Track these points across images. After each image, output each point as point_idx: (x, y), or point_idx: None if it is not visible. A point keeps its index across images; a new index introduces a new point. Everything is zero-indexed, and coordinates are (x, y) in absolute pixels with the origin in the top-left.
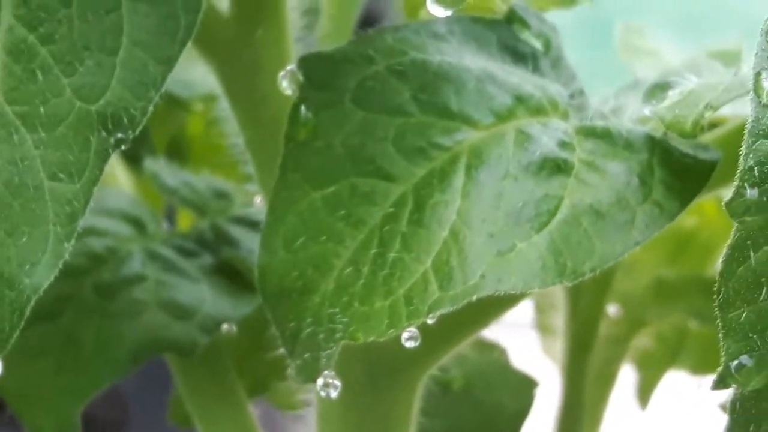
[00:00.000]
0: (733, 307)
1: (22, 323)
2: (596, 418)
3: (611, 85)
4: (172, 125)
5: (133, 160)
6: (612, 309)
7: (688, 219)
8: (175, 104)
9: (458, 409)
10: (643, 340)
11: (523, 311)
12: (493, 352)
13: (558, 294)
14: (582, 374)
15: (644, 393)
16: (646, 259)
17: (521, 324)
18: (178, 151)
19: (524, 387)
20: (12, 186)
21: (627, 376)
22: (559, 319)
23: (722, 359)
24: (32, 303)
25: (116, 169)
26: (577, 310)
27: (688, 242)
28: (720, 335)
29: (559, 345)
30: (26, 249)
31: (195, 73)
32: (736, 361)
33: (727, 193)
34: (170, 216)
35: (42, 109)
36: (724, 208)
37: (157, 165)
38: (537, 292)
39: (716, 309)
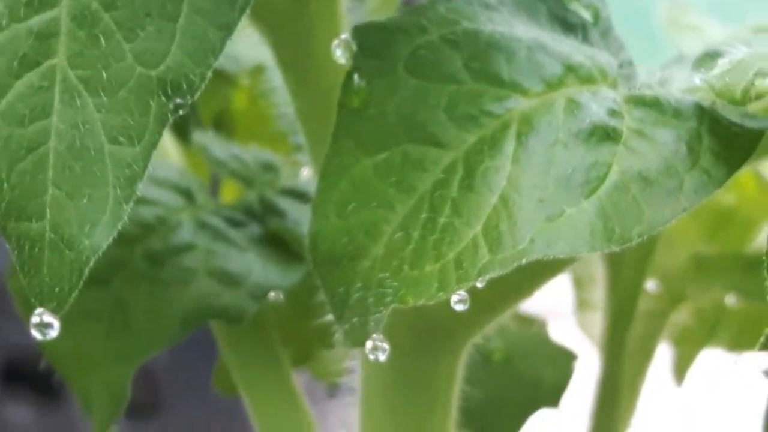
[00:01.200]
0: None
1: (80, 284)
2: (635, 392)
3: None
4: (218, 100)
5: (181, 133)
6: (651, 284)
7: (727, 196)
8: (221, 79)
9: (499, 380)
10: (681, 316)
11: (563, 300)
12: (533, 325)
13: (598, 268)
14: (621, 348)
15: (680, 369)
16: (686, 235)
17: (561, 313)
18: (223, 126)
19: (563, 360)
20: (74, 149)
21: (663, 353)
22: (598, 294)
23: None
24: (91, 264)
25: (166, 141)
26: (618, 284)
27: (727, 219)
28: None
29: (598, 319)
30: (86, 211)
31: (241, 47)
32: None
33: None
34: (214, 189)
35: (104, 74)
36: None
37: (205, 138)
38: (576, 266)
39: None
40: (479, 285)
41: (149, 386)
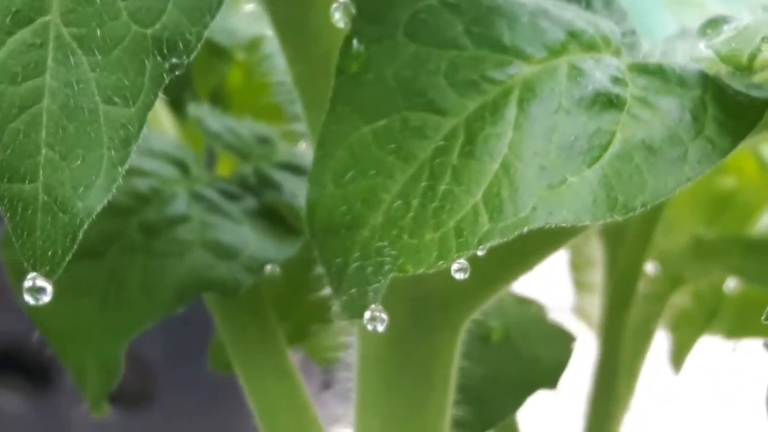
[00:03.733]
0: None
1: (74, 247)
2: (633, 375)
3: None
4: (214, 75)
5: (176, 106)
6: (650, 267)
7: (727, 179)
8: (217, 53)
9: (497, 359)
10: (680, 299)
11: (563, 295)
12: (532, 306)
13: (596, 250)
14: (619, 331)
15: (678, 356)
16: (686, 218)
17: (560, 308)
18: (219, 101)
19: (562, 340)
20: (67, 108)
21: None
22: (596, 276)
23: None
24: (85, 227)
25: (161, 114)
26: (616, 266)
27: (727, 202)
28: None
29: (596, 302)
30: (80, 172)
31: (237, 21)
32: None
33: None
34: (209, 162)
35: (98, 32)
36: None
37: (201, 110)
38: (573, 247)
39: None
40: (480, 253)
41: (141, 376)
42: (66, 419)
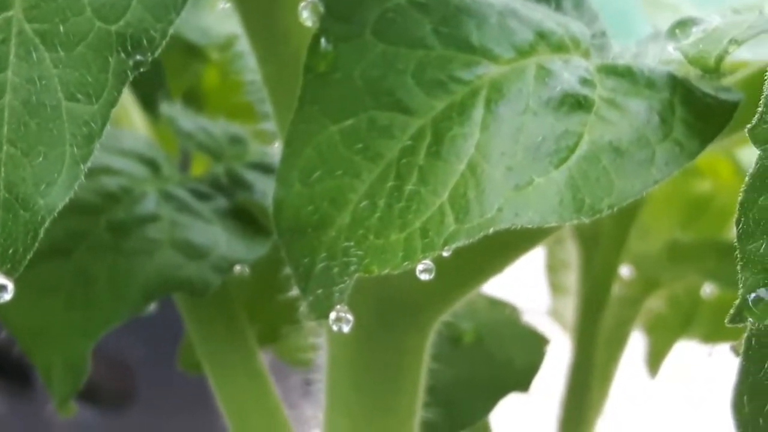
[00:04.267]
0: (753, 238)
1: (36, 245)
2: (607, 378)
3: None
4: (188, 75)
5: (149, 105)
6: (625, 270)
7: (703, 183)
8: (191, 53)
9: (469, 361)
10: (655, 303)
11: (538, 298)
12: (505, 309)
13: (571, 252)
14: (594, 334)
15: (654, 360)
16: (662, 221)
17: (534, 310)
18: (193, 101)
19: (535, 343)
20: (30, 105)
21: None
22: (571, 279)
23: (740, 292)
24: (46, 225)
25: (132, 113)
26: (591, 269)
27: (703, 206)
28: (738, 267)
29: (571, 304)
30: (42, 169)
31: (211, 20)
32: (753, 294)
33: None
34: (185, 164)
35: (61, 28)
36: (747, 133)
37: (173, 110)
38: (549, 250)
39: (736, 241)
40: (445, 254)
41: (122, 376)
42: (46, 420)
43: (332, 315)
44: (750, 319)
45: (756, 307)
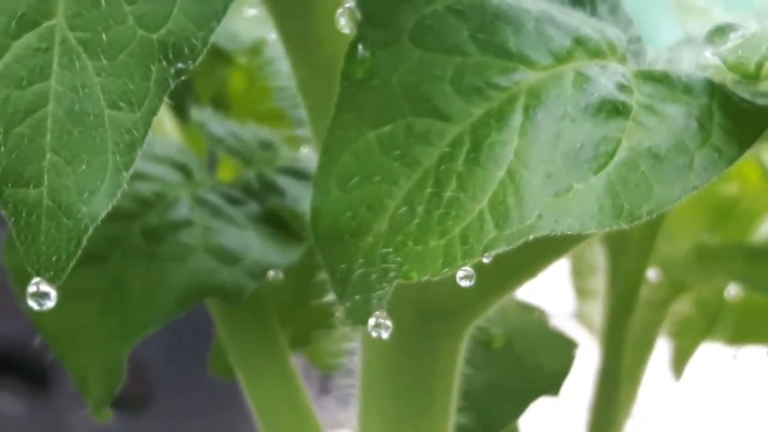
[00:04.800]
0: None
1: (79, 252)
2: (635, 381)
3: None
4: (216, 79)
5: (178, 110)
6: (652, 274)
7: (730, 186)
8: (219, 57)
9: (499, 366)
10: (682, 306)
11: (564, 300)
12: (534, 313)
13: (598, 256)
14: (622, 337)
15: (679, 362)
16: (688, 224)
17: (561, 314)
18: (221, 106)
19: (564, 347)
20: (73, 113)
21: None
22: (598, 283)
23: None
24: (89, 233)
25: (164, 118)
26: (619, 273)
27: (730, 209)
28: None
29: (598, 308)
30: (85, 177)
31: (239, 24)
32: None
33: None
34: (211, 167)
35: (104, 36)
36: None
37: (203, 115)
38: (575, 254)
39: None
40: (485, 260)
41: (141, 379)
42: (64, 422)
43: (371, 321)
44: None
45: None
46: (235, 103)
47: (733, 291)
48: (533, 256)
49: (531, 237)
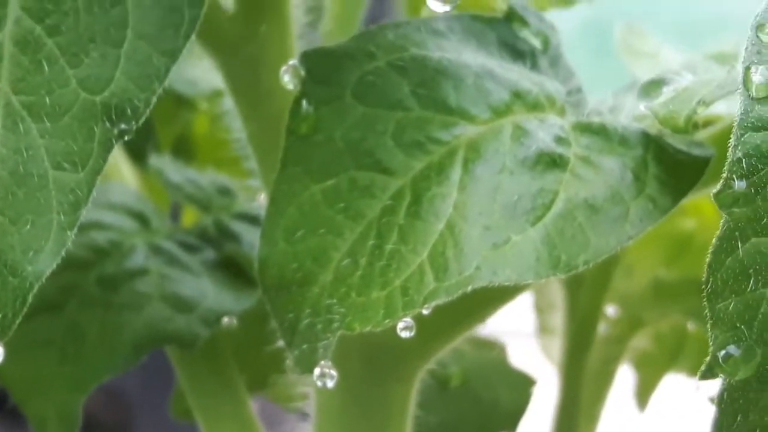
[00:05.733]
0: (721, 297)
1: (24, 310)
2: (593, 416)
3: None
4: (178, 124)
5: (138, 157)
6: (610, 310)
7: (686, 221)
8: (180, 103)
9: (455, 405)
10: (641, 341)
11: (525, 318)
12: (493, 349)
13: (557, 293)
14: (580, 373)
15: (643, 395)
16: (645, 260)
17: (523, 333)
18: (184, 150)
19: (522, 384)
20: (17, 175)
21: (626, 377)
22: (559, 319)
23: (710, 349)
24: (34, 290)
25: (121, 166)
26: (576, 310)
27: (686, 244)
28: (708, 326)
29: (558, 344)
30: (30, 237)
31: (199, 71)
32: (723, 351)
33: None
34: (175, 214)
35: (47, 100)
36: (712, 199)
37: (161, 162)
38: (536, 291)
39: (704, 300)
40: (425, 312)
41: (119, 407)
42: None
43: (317, 371)
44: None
45: (726, 363)
46: (199, 147)
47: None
48: (476, 305)
49: (470, 288)
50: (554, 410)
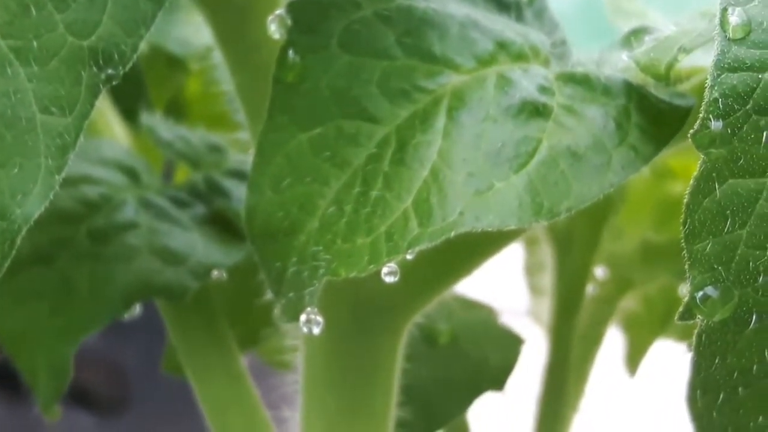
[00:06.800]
0: (699, 238)
1: (13, 252)
2: (582, 377)
3: None
4: (170, 87)
5: (131, 118)
6: (600, 271)
7: (676, 185)
8: (173, 66)
9: (444, 361)
10: (630, 303)
11: (519, 298)
12: (482, 310)
13: (546, 254)
14: (569, 334)
15: (633, 360)
16: (635, 222)
17: (516, 311)
18: (176, 112)
19: (511, 343)
20: (5, 118)
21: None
22: (548, 280)
23: (688, 290)
24: (23, 233)
25: (114, 126)
26: (565, 270)
27: (676, 207)
28: (686, 266)
29: (547, 305)
30: (18, 180)
31: (191, 29)
32: (701, 292)
33: None
34: (169, 174)
35: (35, 44)
36: (689, 139)
37: (153, 119)
38: (526, 251)
39: (682, 241)
40: (409, 257)
41: (117, 382)
42: (40, 424)
43: (302, 317)
44: (699, 316)
45: (704, 305)
46: (191, 108)
47: (684, 288)
48: (462, 255)
49: (453, 234)
50: (543, 370)
